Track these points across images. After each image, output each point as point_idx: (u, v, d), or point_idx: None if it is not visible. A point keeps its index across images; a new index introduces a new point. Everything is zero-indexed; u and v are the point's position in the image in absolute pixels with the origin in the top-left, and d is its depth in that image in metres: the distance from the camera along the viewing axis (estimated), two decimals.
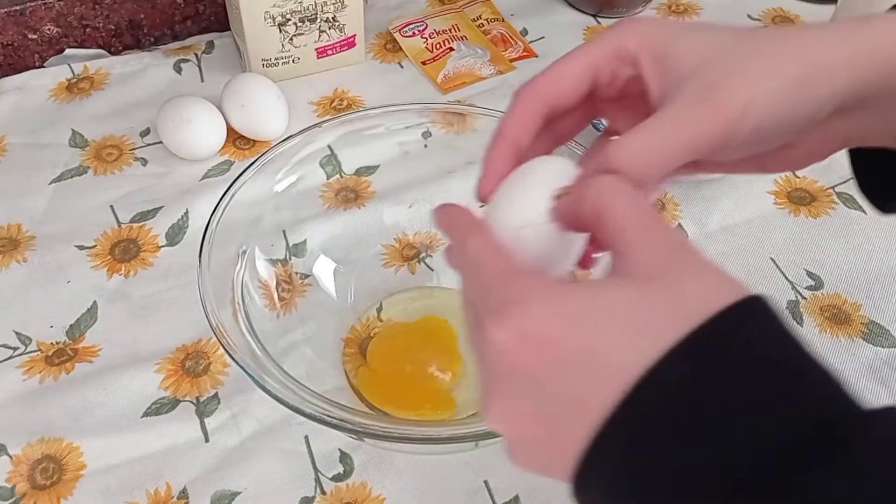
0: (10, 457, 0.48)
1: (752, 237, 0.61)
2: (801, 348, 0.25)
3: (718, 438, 0.23)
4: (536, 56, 0.75)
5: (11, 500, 0.47)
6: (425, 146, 0.55)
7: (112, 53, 0.76)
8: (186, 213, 0.61)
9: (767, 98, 0.30)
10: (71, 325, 0.55)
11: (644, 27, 0.33)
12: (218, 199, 0.49)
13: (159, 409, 0.51)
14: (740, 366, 0.24)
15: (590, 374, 0.25)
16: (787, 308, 0.56)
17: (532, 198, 0.31)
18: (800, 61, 0.30)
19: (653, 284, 0.26)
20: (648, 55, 0.32)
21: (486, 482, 0.48)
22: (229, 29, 0.74)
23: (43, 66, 0.73)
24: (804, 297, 0.57)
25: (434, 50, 0.76)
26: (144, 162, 0.66)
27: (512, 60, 0.75)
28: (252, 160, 0.51)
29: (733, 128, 0.30)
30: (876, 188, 0.36)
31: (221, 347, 0.43)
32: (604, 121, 0.38)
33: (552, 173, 0.32)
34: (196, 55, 0.74)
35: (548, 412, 0.27)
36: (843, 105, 0.32)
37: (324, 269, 0.54)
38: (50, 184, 0.64)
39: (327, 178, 0.56)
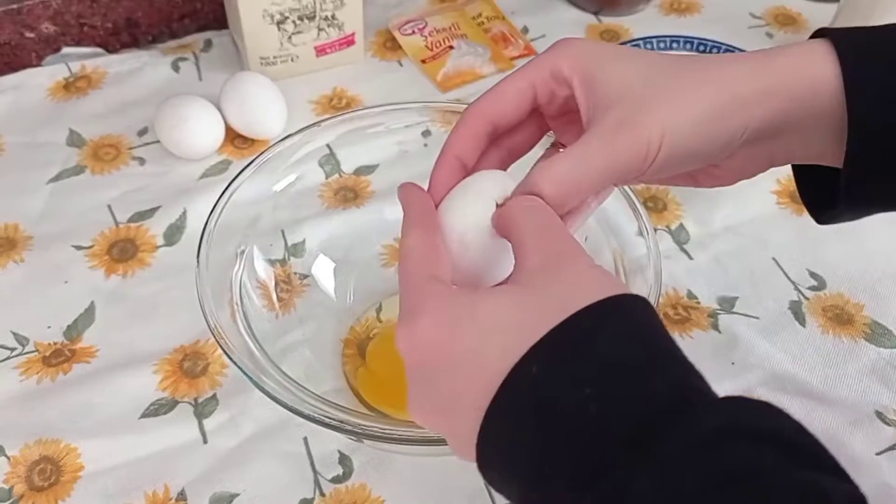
0: (8, 458, 0.48)
1: (755, 237, 0.60)
2: (654, 343, 0.28)
3: (560, 430, 0.26)
4: (537, 54, 0.75)
5: (9, 502, 0.46)
6: (425, 145, 0.55)
7: (109, 52, 0.75)
8: (184, 212, 0.61)
9: (680, 130, 0.33)
10: (68, 326, 0.54)
11: (577, 50, 0.36)
12: (216, 199, 0.48)
13: (157, 410, 0.50)
14: (595, 356, 0.27)
15: (468, 374, 0.29)
16: (789, 308, 0.56)
17: (474, 207, 0.35)
18: (713, 97, 0.33)
19: (531, 288, 0.29)
20: (580, 78, 0.35)
21: (486, 484, 0.47)
22: (227, 27, 0.74)
23: (40, 65, 0.73)
24: (807, 298, 0.57)
25: (434, 48, 0.75)
26: (142, 161, 0.65)
27: (512, 59, 0.75)
28: (250, 159, 0.51)
29: (646, 157, 0.33)
30: (815, 200, 0.39)
31: (220, 348, 0.42)
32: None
33: (494, 186, 0.35)
34: (194, 54, 0.74)
35: (444, 406, 0.30)
36: (758, 133, 0.34)
37: (323, 270, 0.54)
38: (47, 183, 0.63)
39: (326, 178, 0.56)
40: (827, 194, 0.37)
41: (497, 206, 0.34)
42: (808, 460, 0.24)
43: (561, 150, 0.39)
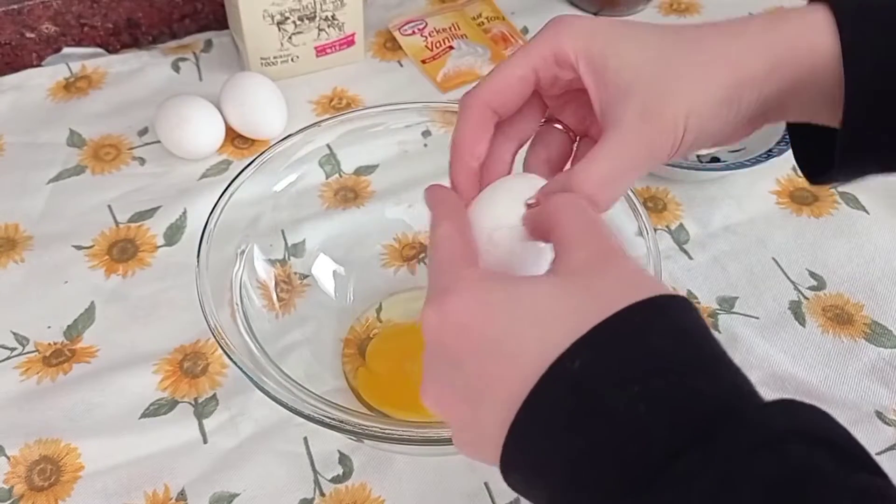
0: (8, 458, 0.48)
1: (755, 237, 0.60)
2: (701, 344, 0.27)
3: (605, 430, 0.25)
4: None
5: (9, 502, 0.46)
6: (425, 145, 0.55)
7: (110, 52, 0.75)
8: (184, 212, 0.61)
9: (702, 114, 0.33)
10: (68, 326, 0.54)
11: (579, 31, 0.35)
12: (216, 199, 0.48)
13: (157, 410, 0.50)
14: (644, 353, 0.26)
15: (502, 361, 0.27)
16: (789, 308, 0.56)
17: (505, 204, 0.35)
18: (730, 79, 0.33)
19: (574, 281, 0.28)
20: (586, 62, 0.35)
21: (486, 484, 0.47)
22: (228, 27, 0.74)
23: (41, 65, 0.73)
24: (807, 298, 0.57)
25: (434, 48, 0.75)
26: (142, 161, 0.65)
27: None
28: (251, 159, 0.51)
29: (674, 144, 0.33)
30: (808, 160, 0.39)
31: (220, 348, 0.42)
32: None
33: (525, 186, 0.35)
34: (194, 54, 0.74)
35: (468, 394, 0.28)
36: (765, 106, 0.35)
37: (323, 270, 0.54)
38: (47, 183, 0.63)
39: (326, 178, 0.56)
40: (821, 156, 0.37)
41: (527, 206, 0.34)
42: (859, 463, 0.24)
43: (570, 134, 0.39)
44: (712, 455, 0.23)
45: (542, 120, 0.39)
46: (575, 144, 0.39)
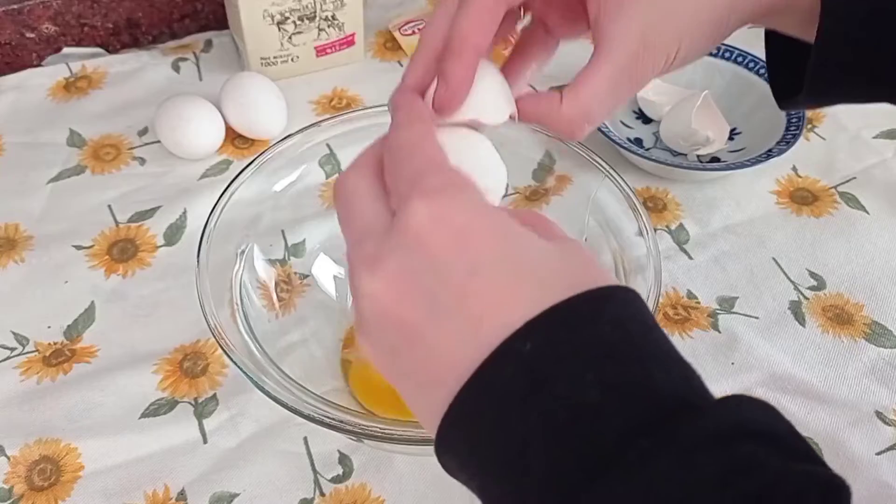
0: (8, 458, 0.48)
1: (754, 237, 0.60)
2: (653, 336, 0.26)
3: (556, 415, 0.24)
4: None
5: (9, 502, 0.46)
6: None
7: (110, 52, 0.75)
8: (184, 212, 0.61)
9: (696, 35, 0.35)
10: (69, 326, 0.54)
11: None
12: (216, 199, 0.48)
13: (157, 410, 0.50)
14: (596, 341, 0.25)
15: (488, 288, 0.26)
16: (789, 308, 0.56)
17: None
18: (718, 7, 0.35)
19: (557, 250, 0.27)
20: None
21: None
22: (228, 27, 0.74)
23: (41, 65, 0.73)
24: (806, 298, 0.57)
25: None
26: (142, 161, 0.65)
27: None
28: (251, 159, 0.51)
29: (664, 68, 0.35)
30: (780, 85, 0.42)
31: (220, 348, 0.42)
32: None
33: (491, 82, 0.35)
34: (194, 54, 0.74)
35: (434, 296, 0.26)
36: (741, 24, 0.37)
37: (323, 270, 0.54)
38: (47, 183, 0.63)
39: (326, 178, 0.56)
40: (794, 81, 0.39)
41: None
42: (803, 455, 0.24)
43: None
44: (663, 446, 0.23)
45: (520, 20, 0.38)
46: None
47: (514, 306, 0.25)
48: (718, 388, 0.27)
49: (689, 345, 0.54)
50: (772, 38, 0.42)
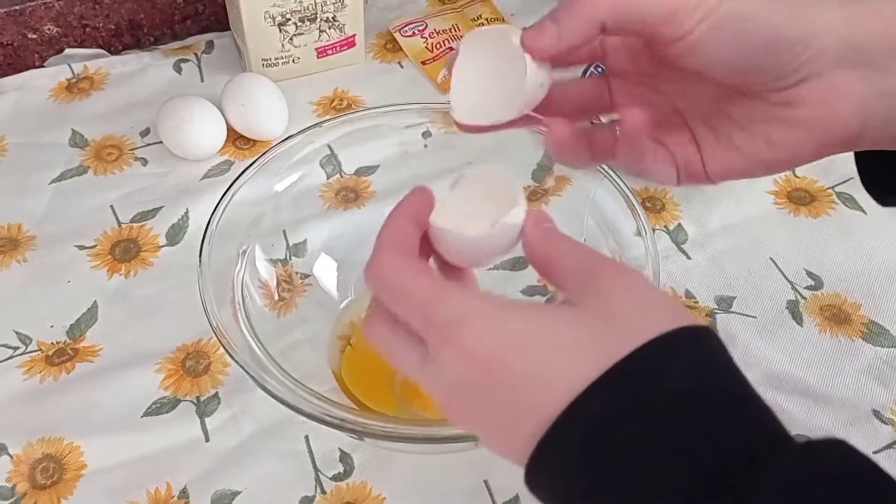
0: (11, 456, 0.48)
1: (752, 237, 0.61)
2: (725, 379, 0.26)
3: (623, 474, 0.25)
4: None
5: (12, 500, 0.47)
6: (425, 146, 0.55)
7: (112, 53, 0.76)
8: (186, 212, 0.61)
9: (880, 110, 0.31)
10: (71, 325, 0.55)
11: None
12: (218, 199, 0.49)
13: (160, 408, 0.51)
14: (657, 399, 0.26)
15: (530, 394, 0.27)
16: (786, 308, 0.56)
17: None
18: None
19: (590, 311, 0.28)
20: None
21: (486, 482, 0.48)
22: (229, 29, 0.74)
23: (43, 66, 0.73)
24: (804, 297, 0.57)
25: (434, 50, 0.76)
26: (144, 162, 0.66)
27: None
28: (252, 160, 0.51)
29: (696, 7, 0.30)
30: (876, 182, 0.37)
31: (222, 347, 0.43)
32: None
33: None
34: (196, 55, 0.74)
35: (496, 419, 0.29)
36: (841, 60, 0.31)
37: (324, 269, 0.54)
38: (50, 184, 0.64)
39: (327, 178, 0.56)
40: (891, 175, 0.35)
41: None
42: (888, 497, 0.24)
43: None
44: (736, 496, 0.23)
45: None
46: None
47: (558, 395, 0.26)
48: None
49: None
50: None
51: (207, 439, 0.49)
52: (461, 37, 0.76)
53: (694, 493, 0.24)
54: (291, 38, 0.70)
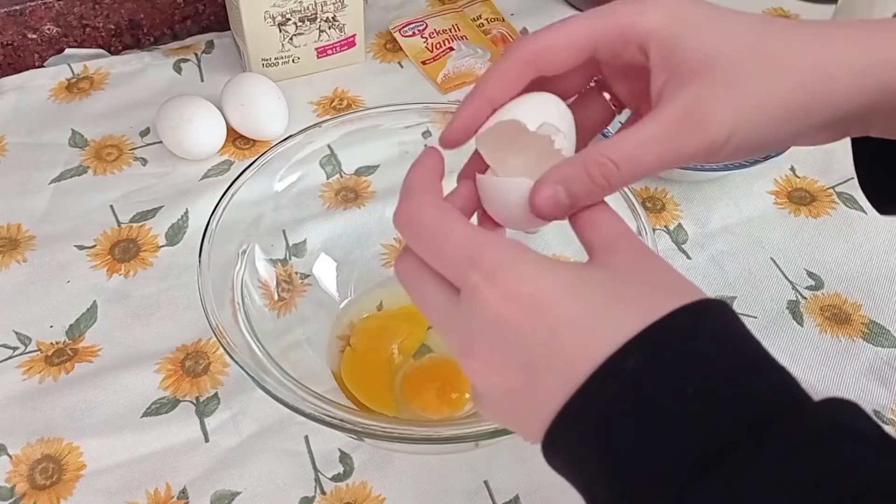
0: (10, 457, 0.48)
1: (753, 237, 0.61)
2: (750, 346, 0.28)
3: (664, 426, 0.25)
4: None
5: (11, 500, 0.47)
6: (425, 146, 0.55)
7: (112, 53, 0.76)
8: (186, 212, 0.61)
9: (751, 128, 0.31)
10: (71, 325, 0.55)
11: (665, 15, 0.32)
12: (218, 199, 0.48)
13: (159, 408, 0.51)
14: (696, 356, 0.26)
15: (572, 340, 0.27)
16: (787, 308, 0.56)
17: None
18: (796, 90, 0.31)
19: (624, 275, 0.29)
20: (658, 45, 0.32)
21: (486, 482, 0.48)
22: (229, 28, 0.74)
23: (43, 66, 0.73)
24: (804, 297, 0.57)
25: (434, 50, 0.76)
26: (144, 162, 0.66)
27: None
28: (252, 160, 0.51)
29: (714, 151, 0.31)
30: (876, 189, 0.37)
31: (221, 347, 0.43)
32: (611, 129, 0.38)
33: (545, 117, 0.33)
34: (196, 55, 0.74)
35: (528, 364, 0.28)
36: (846, 118, 0.32)
37: (324, 269, 0.54)
38: (50, 184, 0.64)
39: (327, 178, 0.56)
40: (890, 184, 0.36)
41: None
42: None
43: (614, 105, 0.37)
44: (761, 451, 0.24)
45: (590, 83, 0.37)
46: (617, 117, 0.38)
47: (599, 346, 0.27)
48: None
49: None
50: (858, 142, 0.37)
51: (207, 439, 0.49)
52: (461, 37, 0.77)
53: (730, 445, 0.25)
54: (291, 38, 0.70)
